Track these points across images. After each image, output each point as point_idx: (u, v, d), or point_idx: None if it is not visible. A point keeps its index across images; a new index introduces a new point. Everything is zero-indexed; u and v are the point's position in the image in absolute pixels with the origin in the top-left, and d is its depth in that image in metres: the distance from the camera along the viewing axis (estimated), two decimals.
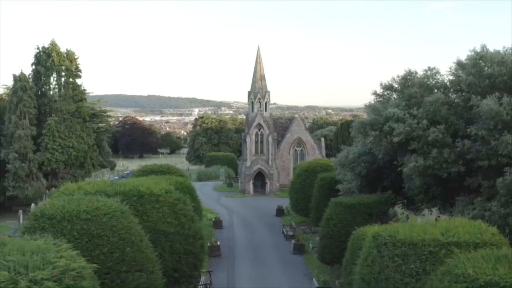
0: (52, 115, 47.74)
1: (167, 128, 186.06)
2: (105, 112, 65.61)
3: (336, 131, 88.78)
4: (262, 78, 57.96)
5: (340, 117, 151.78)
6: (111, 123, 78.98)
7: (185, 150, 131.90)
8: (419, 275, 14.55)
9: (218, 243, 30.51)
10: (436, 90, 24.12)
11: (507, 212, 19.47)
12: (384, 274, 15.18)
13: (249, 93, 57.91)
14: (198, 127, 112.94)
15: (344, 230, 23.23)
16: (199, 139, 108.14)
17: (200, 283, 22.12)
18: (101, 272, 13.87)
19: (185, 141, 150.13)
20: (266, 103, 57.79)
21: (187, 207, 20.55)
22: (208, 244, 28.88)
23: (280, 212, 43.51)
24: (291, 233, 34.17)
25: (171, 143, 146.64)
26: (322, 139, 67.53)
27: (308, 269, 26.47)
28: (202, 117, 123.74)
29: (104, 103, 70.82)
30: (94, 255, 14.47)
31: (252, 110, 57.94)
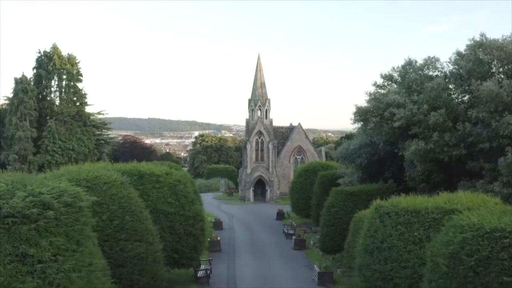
0: (53, 117, 47.81)
1: (167, 150, 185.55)
2: (105, 124, 65.74)
3: (336, 146, 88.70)
4: (263, 85, 58.22)
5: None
6: (111, 135, 78.84)
7: (185, 170, 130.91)
8: (422, 242, 14.38)
9: (218, 238, 30.21)
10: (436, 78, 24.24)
11: (509, 192, 19.36)
12: (387, 243, 15.00)
13: (250, 100, 58.08)
14: (198, 145, 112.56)
15: (345, 217, 23.03)
16: (199, 157, 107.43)
17: (200, 269, 21.80)
18: (100, 239, 13.68)
19: (185, 161, 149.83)
20: (266, 111, 57.90)
21: (188, 189, 20.41)
22: (208, 239, 28.59)
23: (280, 215, 43.15)
24: (291, 231, 33.83)
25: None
26: (322, 148, 67.54)
27: (309, 261, 26.11)
28: (202, 135, 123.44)
29: (106, 114, 70.96)
30: (93, 225, 14.30)
31: (252, 118, 58.01)
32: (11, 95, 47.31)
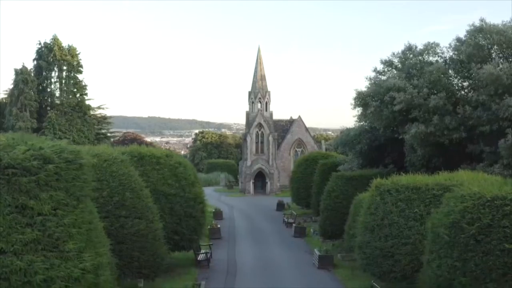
0: (53, 108, 47.79)
1: (168, 148, 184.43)
2: (105, 118, 65.66)
3: (336, 143, 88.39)
4: (263, 78, 58.11)
5: None
6: (111, 129, 78.68)
7: None
8: (423, 219, 14.38)
9: (218, 226, 30.20)
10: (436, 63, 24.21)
11: (510, 174, 19.32)
12: (388, 219, 15.03)
13: (250, 93, 57.94)
14: (198, 142, 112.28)
15: (345, 202, 23.04)
16: (199, 154, 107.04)
17: (200, 252, 21.80)
18: (100, 216, 13.66)
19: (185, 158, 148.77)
20: (266, 103, 57.75)
21: (188, 171, 20.39)
22: (208, 227, 28.60)
23: (280, 206, 43.08)
24: (291, 220, 33.80)
25: None
26: (323, 141, 67.52)
27: (309, 247, 26.04)
28: (202, 132, 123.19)
29: (106, 109, 70.82)
30: (93, 198, 14.27)
31: (253, 110, 57.88)
32: (11, 86, 47.31)
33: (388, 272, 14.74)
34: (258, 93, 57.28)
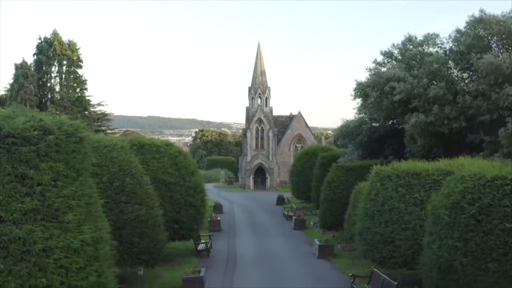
0: (53, 103, 47.77)
1: None
2: (105, 115, 65.55)
3: (336, 134, 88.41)
4: (263, 73, 58.08)
5: None
6: (111, 126, 78.41)
7: None
8: (423, 204, 14.36)
9: (218, 218, 30.21)
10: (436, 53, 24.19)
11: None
12: (388, 205, 15.02)
13: (250, 88, 57.92)
14: (198, 140, 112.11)
15: (345, 192, 22.99)
16: (199, 152, 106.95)
17: (200, 242, 21.80)
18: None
19: None
20: (266, 99, 57.74)
21: (188, 161, 20.38)
22: (208, 219, 28.60)
23: (280, 200, 43.09)
24: (291, 213, 33.80)
25: None
26: (323, 137, 67.48)
27: (309, 239, 26.03)
28: (202, 130, 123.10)
29: (106, 105, 70.61)
30: (95, 182, 14.24)
31: (252, 106, 57.87)
32: (11, 81, 47.25)
33: (389, 257, 14.73)
34: (258, 88, 57.25)
